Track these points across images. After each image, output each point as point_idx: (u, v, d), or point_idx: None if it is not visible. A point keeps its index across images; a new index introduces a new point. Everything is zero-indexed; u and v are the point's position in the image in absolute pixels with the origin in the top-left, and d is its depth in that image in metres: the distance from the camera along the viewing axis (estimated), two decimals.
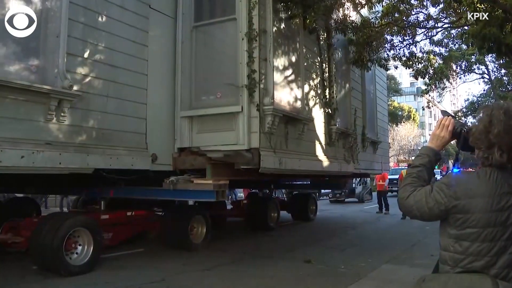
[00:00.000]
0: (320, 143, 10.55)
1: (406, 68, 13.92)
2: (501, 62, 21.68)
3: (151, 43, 7.99)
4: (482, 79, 29.99)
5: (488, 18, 9.65)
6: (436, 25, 13.86)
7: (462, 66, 24.29)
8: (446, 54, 18.91)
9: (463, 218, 2.02)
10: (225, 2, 8.50)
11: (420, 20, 13.16)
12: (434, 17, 13.52)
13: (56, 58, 6.28)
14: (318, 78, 10.75)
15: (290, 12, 9.26)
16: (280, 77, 8.79)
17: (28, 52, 6.09)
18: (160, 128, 8.22)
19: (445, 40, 19.06)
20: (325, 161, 10.66)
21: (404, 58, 13.28)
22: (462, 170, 2.30)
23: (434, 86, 20.39)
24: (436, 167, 2.49)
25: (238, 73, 7.91)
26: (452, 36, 18.89)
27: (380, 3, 11.93)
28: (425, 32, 14.09)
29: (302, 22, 9.64)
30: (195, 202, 10.28)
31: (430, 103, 33.56)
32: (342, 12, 11.52)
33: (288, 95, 9.08)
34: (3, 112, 5.71)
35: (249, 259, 8.67)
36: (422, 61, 14.10)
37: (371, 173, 17.15)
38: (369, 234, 12.90)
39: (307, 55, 10.27)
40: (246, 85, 7.74)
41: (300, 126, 9.25)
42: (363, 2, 11.72)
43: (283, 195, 18.62)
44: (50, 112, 6.22)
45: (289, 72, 9.26)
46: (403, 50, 13.35)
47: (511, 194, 2.02)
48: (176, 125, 8.46)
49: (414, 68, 13.76)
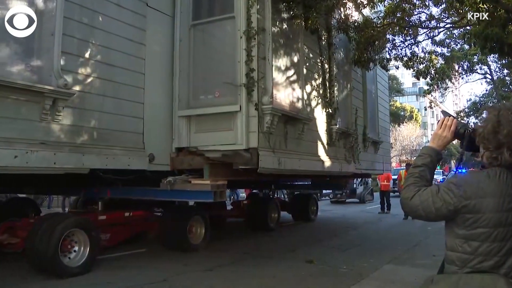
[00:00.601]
0: (320, 143, 10.45)
1: (407, 68, 13.83)
2: (503, 62, 21.67)
3: (149, 42, 7.89)
4: (484, 79, 30.03)
5: (490, 18, 9.63)
6: (438, 25, 13.84)
7: (464, 66, 24.17)
8: (448, 55, 18.86)
9: (473, 218, 2.02)
10: (223, 0, 8.40)
11: (422, 20, 13.19)
12: (436, 17, 13.52)
13: (51, 56, 6.17)
14: (319, 78, 10.66)
15: (292, 12, 9.20)
16: (279, 76, 8.69)
17: (22, 50, 5.98)
18: (157, 127, 8.12)
19: (447, 40, 19.02)
20: (325, 161, 10.56)
21: (405, 59, 13.25)
22: (470, 170, 2.25)
23: (436, 87, 20.33)
24: (438, 167, 2.42)
25: (236, 72, 7.81)
26: (454, 36, 18.83)
27: (382, 3, 11.89)
28: (427, 32, 14.08)
29: (304, 22, 9.57)
30: (195, 202, 10.19)
31: (433, 103, 33.44)
32: (344, 11, 11.44)
33: (287, 94, 8.98)
34: None
35: (250, 259, 8.62)
36: (424, 61, 14.07)
37: (372, 173, 17.07)
38: (370, 234, 12.83)
39: (308, 54, 10.18)
40: (244, 84, 7.64)
41: (300, 125, 9.14)
42: (365, 2, 11.63)
43: (285, 196, 18.52)
44: (44, 111, 6.11)
45: (288, 71, 9.16)
46: (405, 50, 13.35)
47: None
48: (174, 124, 8.36)
49: (415, 68, 13.70)
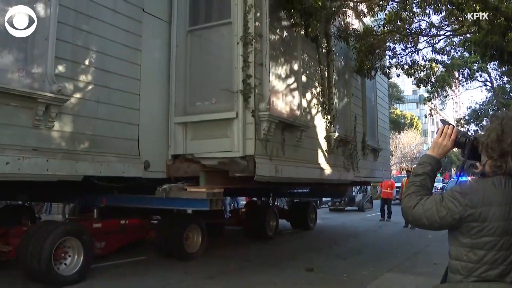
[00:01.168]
0: (318, 151, 10.34)
1: (408, 76, 13.86)
2: (503, 69, 21.64)
3: (145, 48, 7.81)
4: (484, 87, 30.02)
5: (490, 26, 9.61)
6: (438, 33, 13.88)
7: (465, 73, 24.15)
8: (449, 62, 18.86)
9: (479, 227, 2.01)
10: (220, 5, 8.34)
11: (422, 28, 13.30)
12: (436, 25, 13.57)
13: (44, 62, 6.10)
14: (317, 84, 10.58)
15: (292, 20, 9.15)
16: (277, 82, 8.61)
17: (15, 55, 5.91)
18: (153, 134, 8.02)
19: (447, 48, 19.03)
20: (324, 169, 10.46)
21: (406, 66, 13.28)
22: (475, 179, 2.23)
23: (436, 94, 20.34)
24: (438, 175, 2.39)
25: (233, 78, 7.73)
26: (454, 43, 18.83)
27: (382, 11, 11.88)
28: (427, 40, 14.11)
29: (304, 30, 9.55)
30: (192, 210, 10.09)
31: (433, 111, 33.43)
32: (344, 20, 11.42)
33: (285, 101, 8.89)
34: None
35: (250, 267, 8.57)
36: (425, 69, 14.11)
37: (372, 181, 16.96)
38: (371, 242, 12.74)
39: (306, 61, 10.11)
40: (241, 90, 7.55)
41: (297, 133, 9.05)
42: (365, 11, 11.60)
43: (284, 203, 18.39)
44: (37, 117, 6.02)
45: (286, 77, 9.08)
46: (406, 58, 13.39)
47: None
48: (170, 131, 8.25)
49: (416, 76, 13.68)
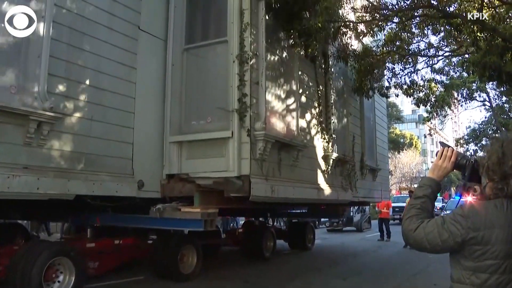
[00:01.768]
0: (316, 170, 10.24)
1: (407, 96, 13.99)
2: (502, 89, 21.69)
3: (140, 66, 7.76)
4: (483, 107, 30.07)
5: (488, 46, 9.64)
6: (437, 53, 13.92)
7: (463, 93, 24.20)
8: (447, 82, 18.92)
9: (482, 250, 1.99)
10: (217, 24, 8.34)
11: (421, 48, 13.40)
12: (435, 45, 13.63)
13: (37, 79, 6.03)
14: (315, 104, 10.53)
15: (291, 40, 9.20)
16: (273, 101, 8.57)
17: (6, 71, 5.84)
18: (147, 153, 7.92)
19: (446, 68, 19.09)
20: (321, 189, 10.34)
21: (405, 86, 13.33)
22: (476, 201, 2.18)
23: (435, 114, 20.38)
24: (438, 195, 2.44)
25: (228, 97, 7.68)
26: (453, 64, 18.89)
27: (381, 32, 11.97)
28: (426, 60, 14.16)
29: (303, 50, 9.60)
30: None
31: (432, 131, 33.48)
32: (344, 40, 11.46)
33: (281, 120, 8.83)
34: None
35: None
36: (424, 89, 14.18)
37: (370, 201, 16.87)
38: (370, 263, 12.58)
39: (304, 80, 10.08)
40: (236, 109, 7.50)
41: (294, 152, 8.96)
42: (365, 31, 11.64)
43: (282, 224, 18.23)
44: (29, 134, 5.93)
45: (283, 96, 9.03)
46: (405, 78, 13.46)
47: None
48: (164, 150, 8.16)
49: (415, 96, 13.71)
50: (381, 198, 16.59)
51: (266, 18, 8.70)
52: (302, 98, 9.87)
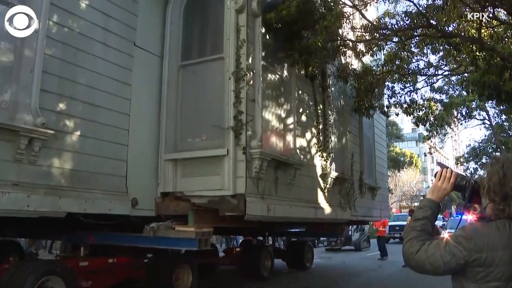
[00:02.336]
0: (313, 189, 10.12)
1: (407, 115, 13.98)
2: (501, 108, 21.72)
3: (135, 82, 7.67)
4: (483, 125, 30.09)
5: (487, 66, 9.67)
6: (436, 72, 13.98)
7: (463, 112, 24.20)
8: (447, 101, 18.97)
9: (485, 272, 1.98)
10: (213, 40, 8.31)
11: (421, 67, 13.46)
12: (434, 64, 13.71)
13: (29, 94, 5.93)
14: (313, 121, 10.46)
15: (291, 59, 9.19)
16: (270, 119, 8.49)
17: None
18: (142, 171, 7.79)
19: (445, 87, 19.12)
20: (319, 208, 10.21)
21: (405, 105, 13.36)
22: (478, 223, 2.18)
23: (435, 133, 20.42)
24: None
25: (224, 114, 7.59)
26: (452, 82, 18.93)
27: (381, 51, 12.04)
28: (425, 79, 14.19)
29: (304, 70, 9.63)
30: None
31: (432, 149, 33.54)
32: (344, 59, 11.50)
33: (278, 138, 8.74)
34: None
35: None
36: (423, 108, 14.21)
37: (370, 220, 16.73)
38: (372, 282, 12.49)
39: (301, 97, 10.02)
40: (232, 126, 7.40)
41: (291, 171, 8.84)
42: (364, 50, 11.68)
43: (282, 243, 18.08)
44: (19, 151, 5.80)
45: (280, 114, 8.97)
46: (404, 97, 13.50)
47: None
48: (159, 168, 8.03)
49: (414, 115, 13.73)
50: (380, 217, 16.45)
51: (267, 37, 8.73)
52: (300, 116, 9.81)
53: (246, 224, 8.34)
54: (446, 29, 11.04)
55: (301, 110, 9.97)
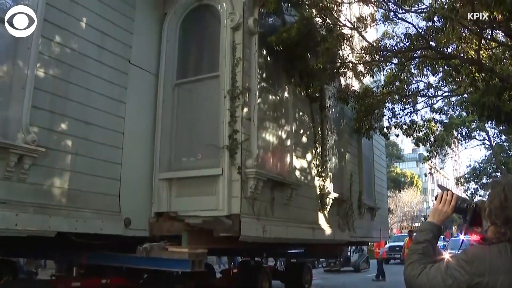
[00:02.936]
0: (311, 210, 9.96)
1: (407, 136, 14.08)
2: (501, 128, 21.77)
3: (130, 100, 7.57)
4: (483, 145, 30.14)
5: (486, 87, 9.67)
6: (436, 93, 14.05)
7: (463, 132, 24.23)
8: (447, 122, 19.03)
9: None
10: (209, 58, 8.26)
11: (420, 88, 13.48)
12: (434, 85, 13.81)
13: (19, 111, 5.83)
14: (310, 141, 10.36)
15: (292, 79, 9.21)
16: (266, 138, 8.40)
17: None
18: (135, 190, 7.63)
19: (445, 107, 19.20)
20: (316, 228, 10.04)
21: (405, 127, 13.43)
22: (479, 246, 2.17)
23: (435, 153, 20.47)
24: None
25: (219, 133, 7.48)
26: (452, 103, 18.98)
27: (381, 72, 12.20)
28: (425, 100, 14.25)
29: (304, 90, 9.64)
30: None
31: (433, 170, 33.55)
32: (344, 80, 11.52)
33: (275, 158, 8.64)
34: None
35: None
36: (423, 129, 14.26)
37: (369, 241, 16.56)
38: None
39: (299, 117, 9.93)
40: (227, 145, 7.28)
41: (288, 191, 8.70)
42: (365, 72, 11.72)
43: (282, 263, 17.87)
44: (8, 168, 5.67)
45: (277, 133, 8.87)
46: (404, 118, 13.58)
47: None
48: (153, 187, 7.87)
49: (415, 136, 13.74)
50: (380, 238, 16.30)
51: (266, 58, 8.69)
52: (298, 136, 9.72)
53: (242, 245, 8.18)
54: (445, 50, 11.14)
55: (299, 129, 9.89)
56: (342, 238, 11.63)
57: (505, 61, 11.53)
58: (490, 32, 10.17)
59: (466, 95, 12.72)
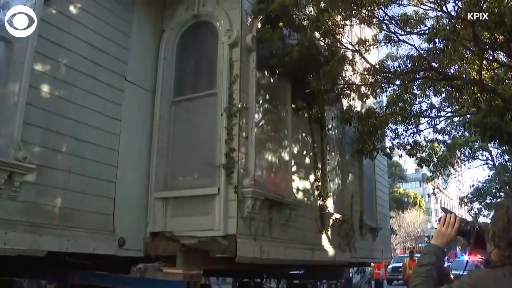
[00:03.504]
0: (311, 230, 9.75)
1: (410, 157, 14.15)
2: (504, 148, 21.79)
3: (125, 117, 7.45)
4: (486, 165, 30.17)
5: (488, 107, 9.88)
6: (439, 114, 14.10)
7: (466, 153, 24.18)
8: (450, 142, 19.04)
9: None
10: (206, 76, 8.17)
11: (423, 109, 13.62)
12: (437, 106, 13.92)
13: (11, 127, 5.72)
14: (311, 161, 10.22)
15: (293, 106, 9.17)
16: (264, 157, 8.26)
17: None
18: (130, 209, 7.46)
19: (448, 128, 19.22)
20: (316, 249, 9.82)
21: (408, 147, 13.45)
22: (483, 270, 2.15)
23: (439, 174, 20.48)
24: None
25: (216, 151, 7.34)
26: (454, 123, 19.00)
27: (384, 93, 12.29)
28: (428, 120, 14.25)
29: (307, 112, 9.65)
30: None
31: (436, 190, 33.55)
32: (347, 102, 11.52)
33: (273, 177, 8.48)
34: None
35: None
36: (426, 149, 14.30)
37: (371, 261, 16.31)
38: None
39: (298, 136, 9.80)
40: (223, 164, 7.13)
41: (286, 211, 8.50)
42: (367, 92, 11.74)
43: (283, 286, 17.63)
44: None
45: (276, 152, 8.73)
46: (407, 138, 13.60)
47: None
48: (149, 206, 7.70)
49: (417, 156, 13.71)
50: (382, 259, 16.07)
51: (265, 78, 8.62)
52: (297, 155, 9.58)
53: (239, 266, 7.98)
54: (448, 71, 11.15)
55: (299, 149, 9.76)
56: (343, 259, 11.40)
57: (507, 81, 11.56)
58: (492, 53, 10.14)
59: (468, 116, 12.71)
